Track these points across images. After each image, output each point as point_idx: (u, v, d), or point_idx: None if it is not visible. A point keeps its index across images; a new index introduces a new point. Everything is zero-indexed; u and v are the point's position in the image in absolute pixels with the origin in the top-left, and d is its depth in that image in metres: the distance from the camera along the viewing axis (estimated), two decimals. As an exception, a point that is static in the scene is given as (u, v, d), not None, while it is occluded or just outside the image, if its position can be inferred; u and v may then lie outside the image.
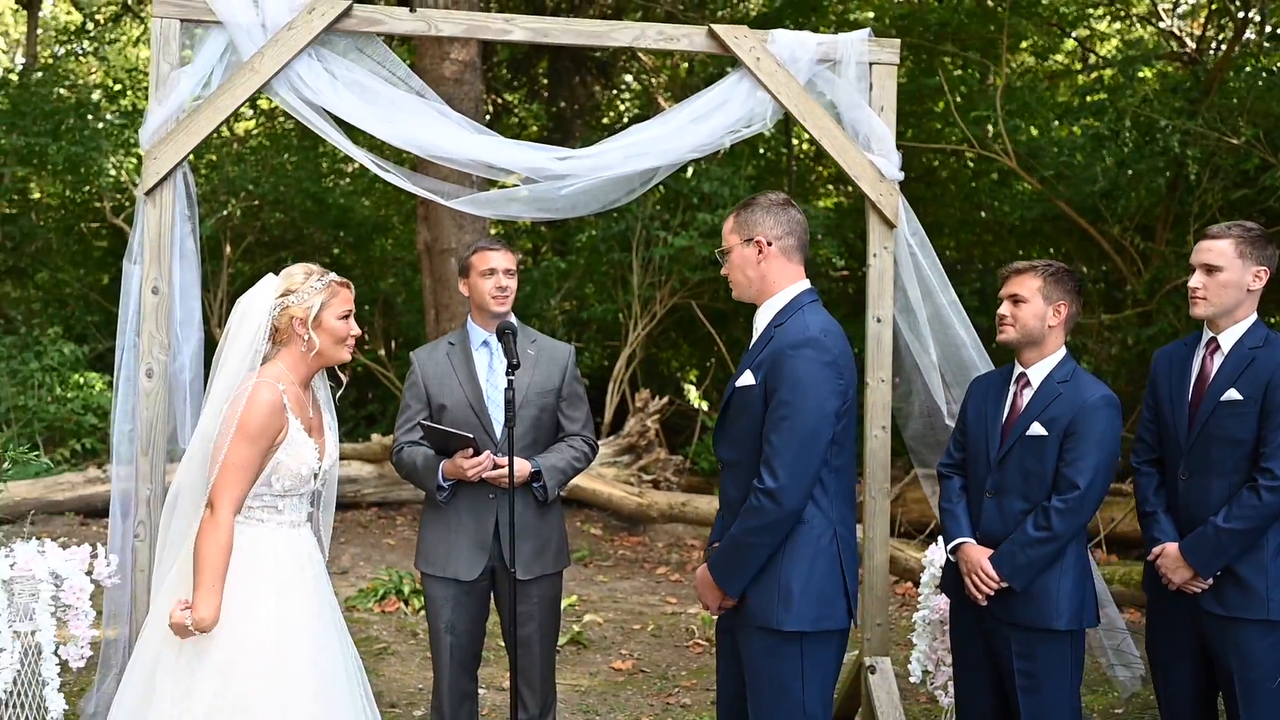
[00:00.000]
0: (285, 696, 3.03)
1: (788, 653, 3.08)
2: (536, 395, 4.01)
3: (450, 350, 4.11)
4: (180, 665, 3.04)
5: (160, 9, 4.23)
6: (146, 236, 4.27)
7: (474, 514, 3.90)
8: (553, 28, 4.53)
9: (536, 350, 4.11)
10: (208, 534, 3.02)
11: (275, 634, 3.07)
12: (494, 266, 4.00)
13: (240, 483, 3.06)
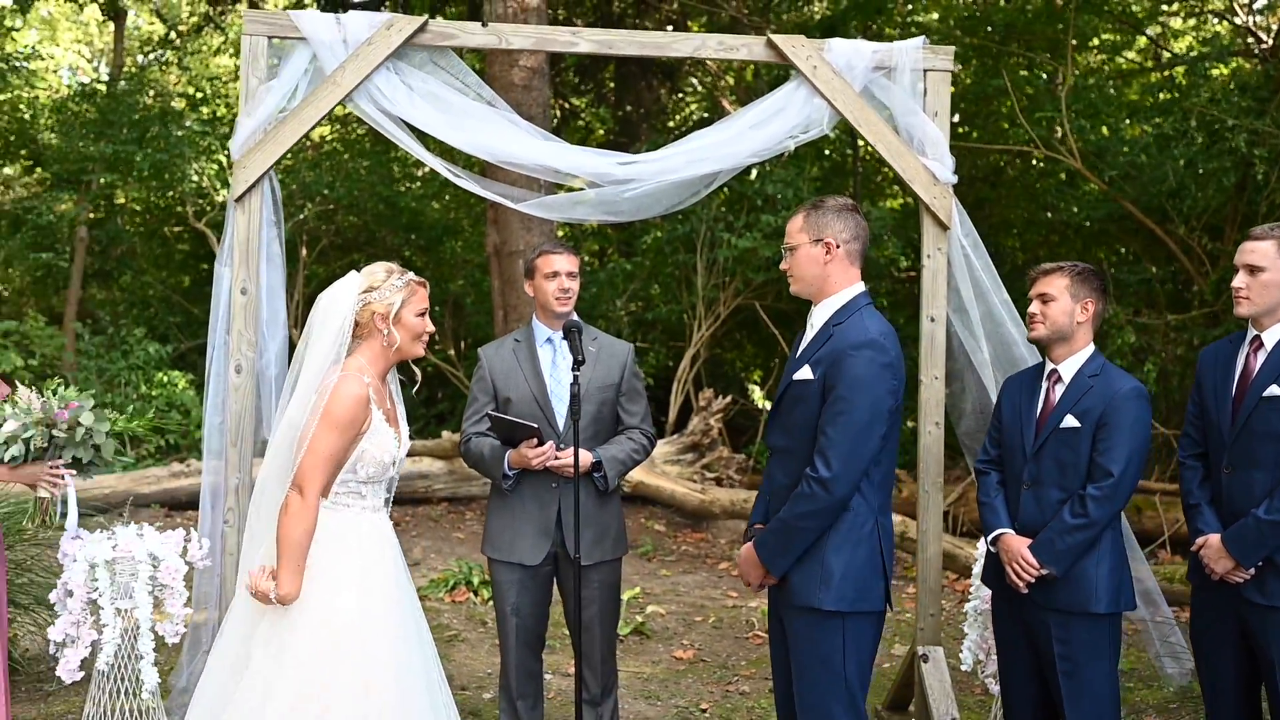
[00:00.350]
0: (368, 675, 3.24)
1: (829, 630, 3.27)
2: (597, 390, 4.20)
3: (516, 347, 4.32)
4: (270, 642, 3.26)
5: (250, 27, 4.50)
6: (236, 241, 4.54)
7: (538, 502, 4.11)
8: (617, 39, 4.72)
9: (597, 348, 4.30)
10: (296, 515, 3.24)
11: (360, 614, 3.29)
12: (557, 269, 4.20)
13: (328, 470, 3.29)
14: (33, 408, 3.91)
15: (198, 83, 15.78)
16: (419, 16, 4.54)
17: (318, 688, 3.22)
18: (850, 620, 3.27)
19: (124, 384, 12.53)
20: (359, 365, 3.39)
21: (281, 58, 4.56)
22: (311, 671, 3.22)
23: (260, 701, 3.19)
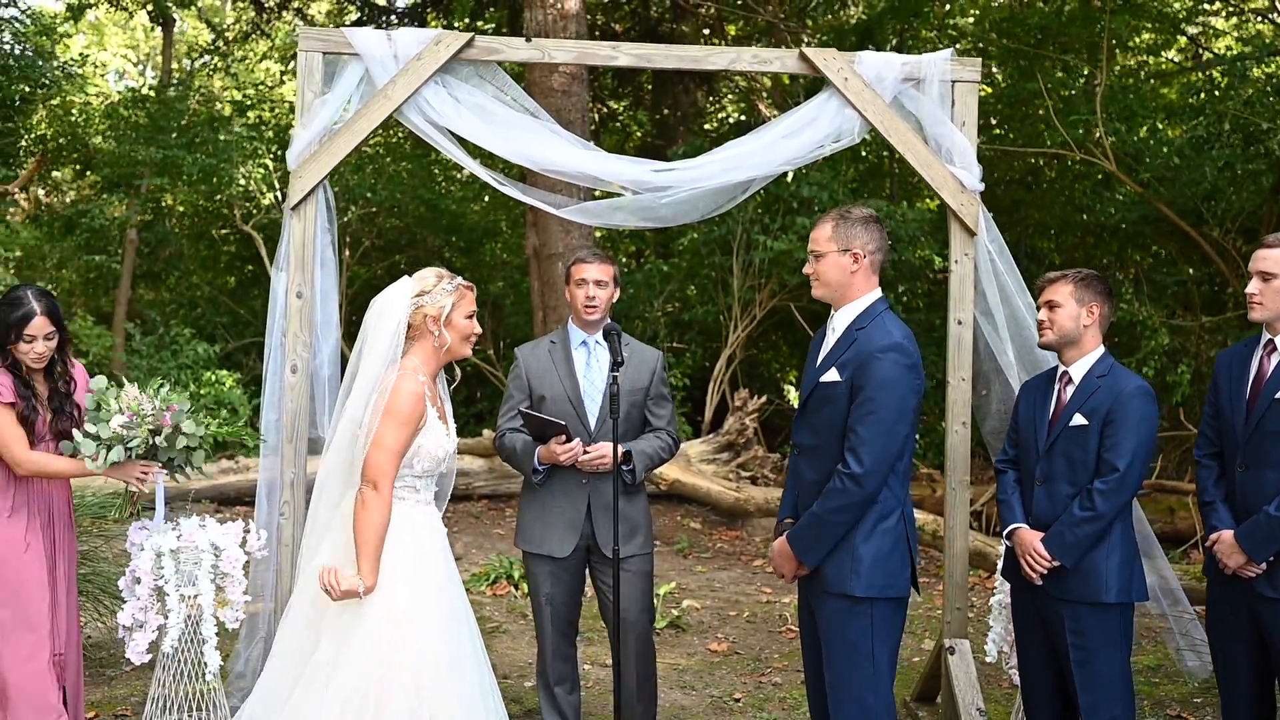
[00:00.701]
0: (422, 663, 3.45)
1: (859, 615, 3.46)
2: (627, 394, 4.39)
3: (552, 348, 4.52)
4: (335, 632, 3.47)
5: (306, 44, 4.73)
6: (291, 247, 4.77)
7: (568, 497, 4.31)
8: (654, 53, 4.90)
9: (630, 353, 4.47)
10: (372, 509, 3.45)
11: (415, 604, 3.50)
12: (585, 278, 4.40)
13: (396, 463, 3.50)
14: (143, 409, 4.15)
15: (244, 88, 16.11)
16: (465, 33, 4.75)
17: (374, 678, 3.42)
18: (878, 606, 3.46)
19: (174, 383, 12.85)
20: (413, 365, 3.60)
21: (335, 72, 4.78)
22: (370, 660, 3.42)
23: (321, 687, 3.40)
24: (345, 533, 3.56)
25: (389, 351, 3.58)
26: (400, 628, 3.45)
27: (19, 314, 4.00)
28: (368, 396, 3.56)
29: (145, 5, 15.65)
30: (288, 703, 3.47)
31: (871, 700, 3.47)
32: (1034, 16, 12.05)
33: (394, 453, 3.48)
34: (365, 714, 3.36)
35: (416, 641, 3.45)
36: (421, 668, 3.43)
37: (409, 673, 3.42)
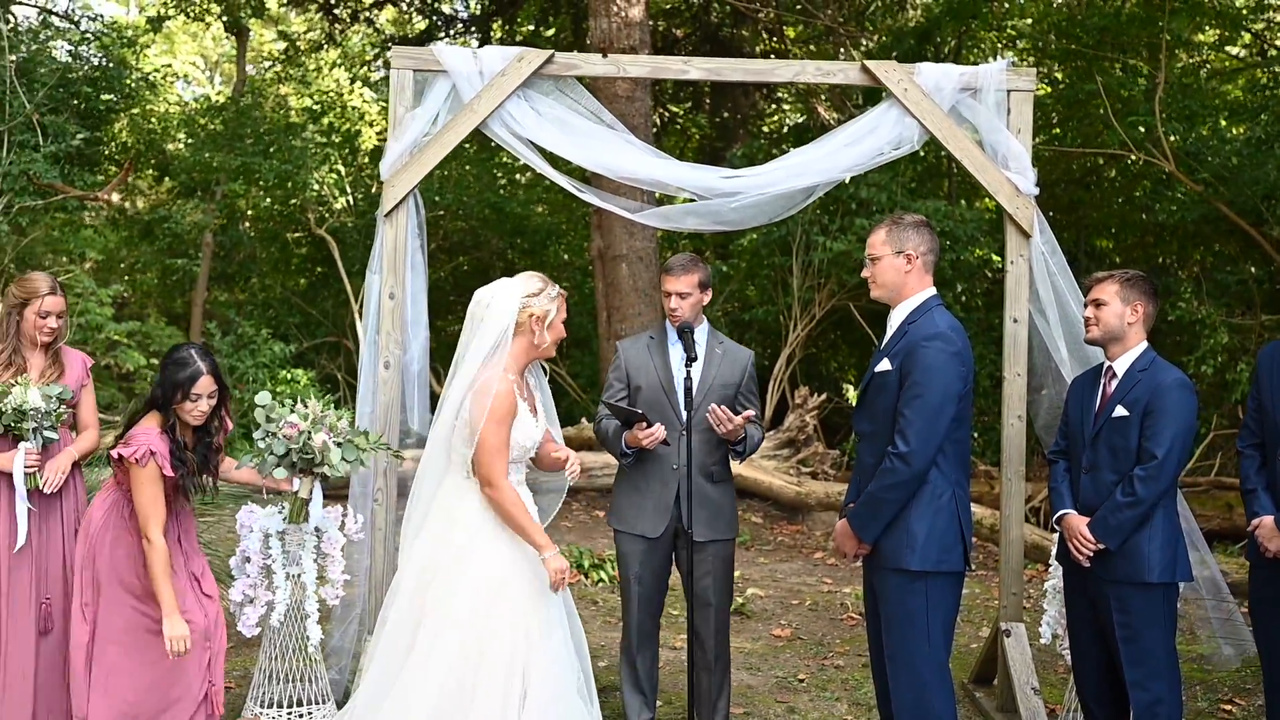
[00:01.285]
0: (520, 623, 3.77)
1: (914, 589, 3.73)
2: (719, 388, 4.69)
3: (650, 343, 4.83)
4: (437, 600, 3.81)
5: (398, 62, 5.08)
6: (385, 251, 5.12)
7: (660, 481, 4.61)
8: (724, 67, 5.19)
9: (723, 351, 4.77)
10: (500, 502, 3.81)
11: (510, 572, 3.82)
12: (669, 290, 4.69)
13: (502, 460, 3.83)
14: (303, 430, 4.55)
15: (315, 95, 16.61)
16: (545, 50, 5.07)
17: (474, 645, 3.75)
18: (933, 580, 3.72)
19: (252, 381, 13.35)
20: (506, 363, 3.92)
21: (425, 88, 5.12)
22: (469, 629, 3.75)
23: (424, 657, 3.74)
24: (441, 522, 3.90)
25: (491, 345, 3.90)
26: (496, 597, 3.77)
27: (186, 374, 4.19)
28: (465, 388, 3.88)
29: (220, 16, 16.21)
30: (401, 670, 3.81)
31: (926, 670, 3.73)
32: (1092, 17, 12.13)
33: (496, 450, 3.81)
34: (466, 679, 3.69)
35: (511, 609, 3.77)
36: (516, 634, 3.75)
37: (506, 638, 3.74)
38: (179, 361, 4.21)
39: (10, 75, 11.55)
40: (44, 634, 4.51)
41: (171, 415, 4.18)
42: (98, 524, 4.27)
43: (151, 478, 4.07)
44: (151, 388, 4.33)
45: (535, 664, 3.75)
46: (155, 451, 4.08)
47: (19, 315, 4.63)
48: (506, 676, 3.71)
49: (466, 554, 3.82)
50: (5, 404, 4.37)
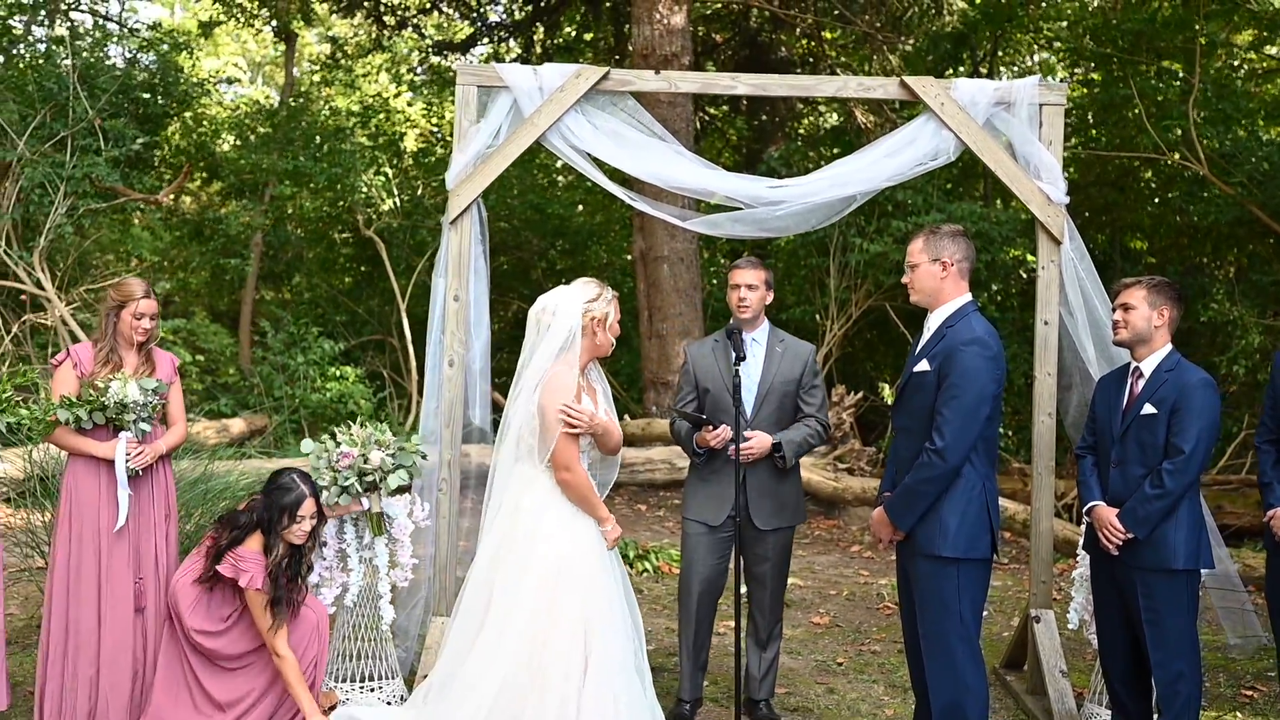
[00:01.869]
0: (587, 596, 4.10)
1: (946, 574, 4.01)
2: (781, 384, 5.00)
3: (715, 346, 5.15)
4: (507, 579, 4.14)
5: (462, 79, 5.41)
6: (450, 256, 5.45)
7: (725, 475, 4.93)
8: (770, 83, 5.49)
9: (783, 348, 5.08)
10: (573, 484, 4.19)
11: (576, 550, 4.16)
12: (738, 282, 5.02)
13: (576, 445, 4.19)
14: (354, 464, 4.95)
15: (363, 99, 17.01)
16: (602, 67, 5.38)
17: (544, 618, 4.08)
18: (964, 566, 4.00)
19: (302, 378, 13.77)
20: (570, 359, 4.25)
21: (487, 103, 5.45)
22: (539, 603, 4.08)
23: (498, 633, 4.08)
24: (510, 509, 4.25)
25: (563, 346, 4.23)
26: (562, 574, 4.11)
27: (292, 498, 4.65)
28: (534, 386, 4.22)
29: (270, 21, 16.65)
30: (474, 647, 4.14)
31: (960, 648, 4.01)
32: (1126, 21, 12.30)
33: (568, 439, 4.16)
34: (536, 648, 4.02)
35: (576, 585, 4.10)
36: (585, 605, 4.09)
37: (571, 612, 4.07)
38: (284, 487, 4.67)
39: (73, 81, 12.01)
40: (138, 610, 4.88)
41: (275, 538, 4.62)
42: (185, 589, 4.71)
43: (261, 599, 4.57)
44: (254, 508, 4.72)
45: (597, 635, 4.08)
46: (262, 586, 4.57)
47: (116, 317, 5.00)
48: (571, 646, 4.04)
49: (534, 537, 4.15)
50: (108, 398, 4.73)
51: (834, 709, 5.31)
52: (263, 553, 4.60)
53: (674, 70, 11.12)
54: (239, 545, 4.60)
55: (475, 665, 4.12)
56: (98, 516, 4.83)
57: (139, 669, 4.84)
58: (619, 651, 4.14)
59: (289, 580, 4.68)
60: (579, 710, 4.03)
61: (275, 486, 4.69)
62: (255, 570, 4.53)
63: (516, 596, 4.12)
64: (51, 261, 12.10)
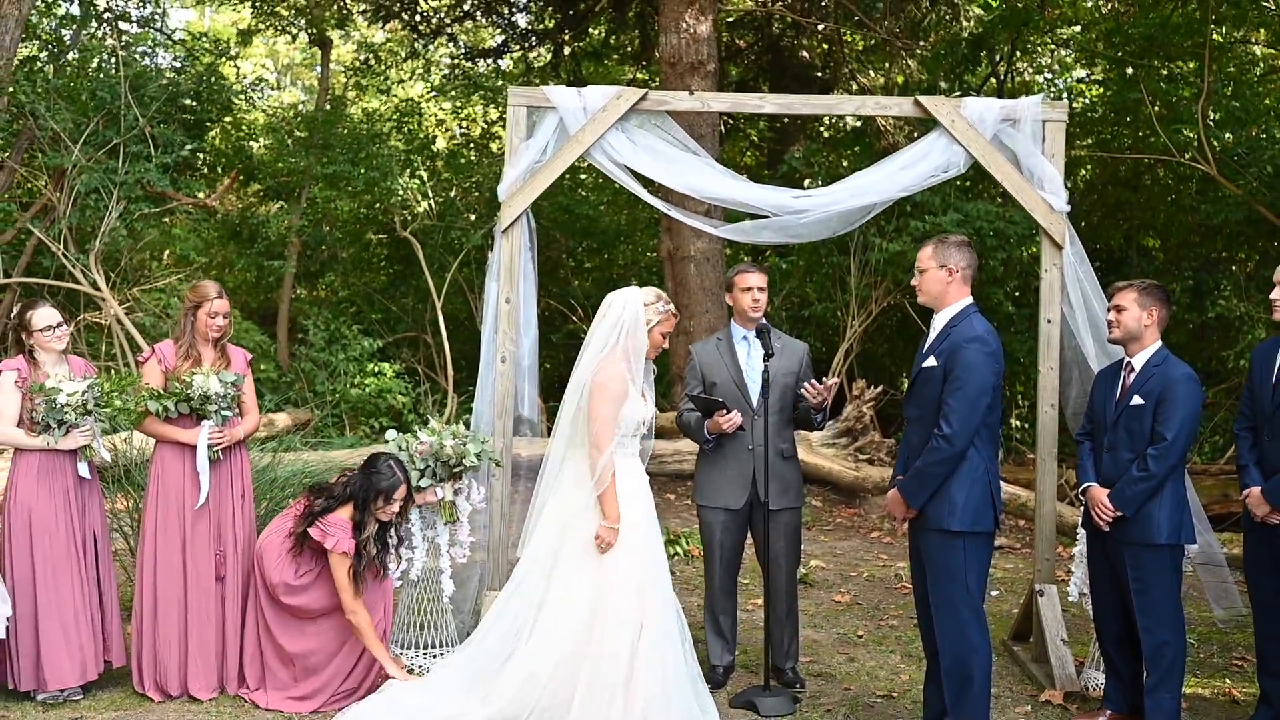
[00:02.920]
0: (643, 567, 4.60)
1: (954, 546, 4.48)
2: (782, 376, 5.49)
3: (719, 344, 5.63)
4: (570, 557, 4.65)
5: (513, 99, 5.92)
6: (502, 262, 5.96)
7: (738, 461, 5.41)
8: (794, 102, 5.99)
9: (781, 345, 5.57)
10: (601, 465, 4.63)
11: (630, 527, 4.66)
12: (750, 285, 5.50)
13: (611, 430, 4.68)
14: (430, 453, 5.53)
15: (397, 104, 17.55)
16: (640, 88, 5.88)
17: (603, 589, 4.59)
18: (969, 539, 4.48)
19: (343, 374, 14.33)
20: (619, 354, 4.75)
21: (536, 122, 5.95)
22: (598, 578, 4.59)
23: (563, 591, 4.60)
24: (571, 488, 4.76)
25: (615, 337, 4.74)
26: (620, 546, 4.61)
27: (389, 483, 5.19)
28: (588, 372, 4.73)
29: (306, 29, 17.20)
30: (535, 625, 4.64)
31: (966, 611, 4.49)
32: (1138, 25, 12.69)
33: (605, 423, 4.65)
34: (597, 610, 4.54)
35: (635, 552, 4.61)
36: (641, 576, 4.59)
37: (633, 582, 4.58)
38: (382, 472, 5.21)
39: (124, 90, 12.59)
40: (219, 579, 5.42)
41: (367, 514, 5.15)
42: (275, 541, 5.26)
43: (343, 562, 5.10)
44: (350, 483, 5.25)
45: (650, 600, 4.59)
46: (349, 550, 5.11)
47: (193, 316, 5.54)
48: (629, 609, 4.54)
49: (595, 513, 4.65)
50: (193, 390, 5.28)
51: (854, 674, 5.81)
52: (351, 523, 5.12)
53: (699, 77, 11.64)
54: (330, 513, 5.12)
55: (547, 623, 4.64)
56: (182, 496, 5.39)
57: (221, 630, 5.38)
58: (668, 619, 4.64)
59: (376, 551, 5.19)
60: (632, 672, 4.54)
61: (374, 470, 5.21)
62: (341, 536, 5.06)
63: (580, 566, 4.62)
64: (106, 263, 12.69)
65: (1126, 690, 4.97)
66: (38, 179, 12.97)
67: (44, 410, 5.25)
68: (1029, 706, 5.30)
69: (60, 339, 5.44)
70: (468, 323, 15.41)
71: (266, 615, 5.23)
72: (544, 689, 4.61)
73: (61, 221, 12.22)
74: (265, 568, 5.20)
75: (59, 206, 12.31)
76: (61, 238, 12.15)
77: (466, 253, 14.77)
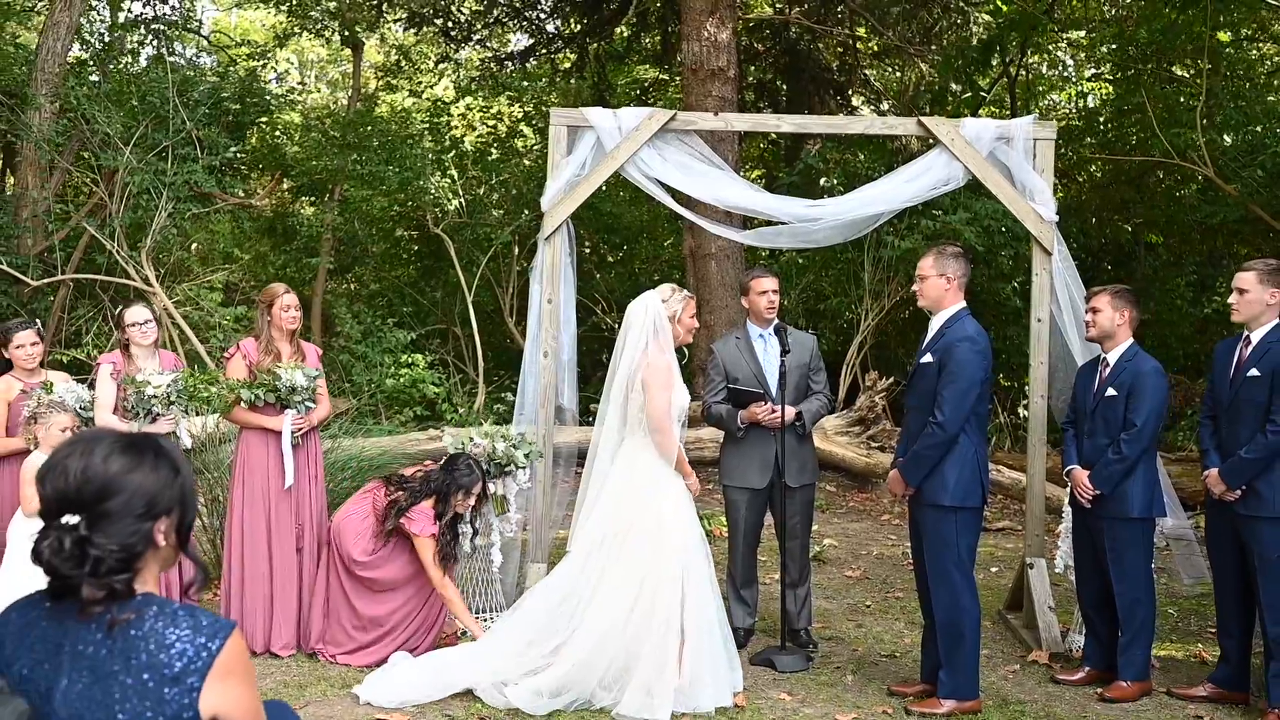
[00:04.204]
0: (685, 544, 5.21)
1: (947, 519, 5.11)
2: (796, 368, 6.12)
3: (737, 342, 6.27)
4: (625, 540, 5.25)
5: (555, 119, 6.56)
6: (544, 266, 6.60)
7: (763, 445, 6.04)
8: (809, 121, 6.65)
9: (794, 340, 6.19)
10: (670, 444, 5.25)
11: (675, 507, 5.26)
12: (765, 289, 6.13)
13: (670, 413, 5.26)
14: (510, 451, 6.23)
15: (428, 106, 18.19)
16: (670, 110, 6.52)
17: (659, 545, 5.18)
18: (960, 513, 5.10)
19: (378, 365, 14.98)
20: (660, 345, 5.37)
21: (575, 140, 6.59)
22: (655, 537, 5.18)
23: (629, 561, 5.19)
24: (625, 470, 5.34)
25: (652, 335, 5.35)
26: (669, 519, 5.22)
27: (470, 479, 5.86)
28: (631, 369, 5.34)
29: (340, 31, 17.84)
30: (593, 599, 5.24)
31: (957, 578, 5.11)
32: (1141, 33, 13.21)
33: (665, 407, 5.26)
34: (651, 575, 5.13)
35: (678, 528, 5.22)
36: (684, 552, 5.19)
37: (677, 556, 5.17)
38: (464, 469, 5.87)
39: (173, 96, 13.28)
40: (298, 550, 6.08)
41: (448, 506, 5.82)
42: (353, 521, 5.91)
43: (429, 546, 5.75)
44: (433, 478, 5.89)
45: (692, 574, 5.21)
46: (435, 533, 5.78)
47: (269, 314, 6.20)
48: (675, 578, 5.15)
49: (647, 491, 5.27)
50: (281, 383, 5.94)
51: (862, 638, 6.45)
52: (434, 511, 5.79)
53: (719, 83, 12.23)
54: (415, 506, 5.79)
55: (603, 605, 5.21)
56: (266, 476, 6.06)
57: (301, 595, 6.06)
58: (706, 581, 5.25)
59: (452, 538, 5.88)
60: (680, 631, 5.15)
61: (455, 469, 5.88)
62: (425, 522, 5.72)
63: (639, 537, 5.19)
64: (156, 260, 13.39)
65: (1104, 649, 5.59)
66: (85, 178, 13.66)
67: (134, 400, 5.94)
68: (1017, 666, 5.93)
69: (147, 334, 6.13)
70: (495, 315, 16.04)
71: (344, 583, 5.89)
72: (609, 656, 5.17)
73: (115, 220, 12.93)
74: (344, 543, 5.86)
75: (110, 206, 13.02)
76: (116, 237, 12.84)
77: (495, 248, 15.40)
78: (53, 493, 2.05)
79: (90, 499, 2.03)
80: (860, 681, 5.67)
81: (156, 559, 2.13)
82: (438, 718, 5.03)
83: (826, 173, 15.32)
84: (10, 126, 13.85)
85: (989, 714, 5.19)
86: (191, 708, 2.01)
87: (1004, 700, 5.37)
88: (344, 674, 5.62)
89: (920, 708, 5.17)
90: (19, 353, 6.25)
